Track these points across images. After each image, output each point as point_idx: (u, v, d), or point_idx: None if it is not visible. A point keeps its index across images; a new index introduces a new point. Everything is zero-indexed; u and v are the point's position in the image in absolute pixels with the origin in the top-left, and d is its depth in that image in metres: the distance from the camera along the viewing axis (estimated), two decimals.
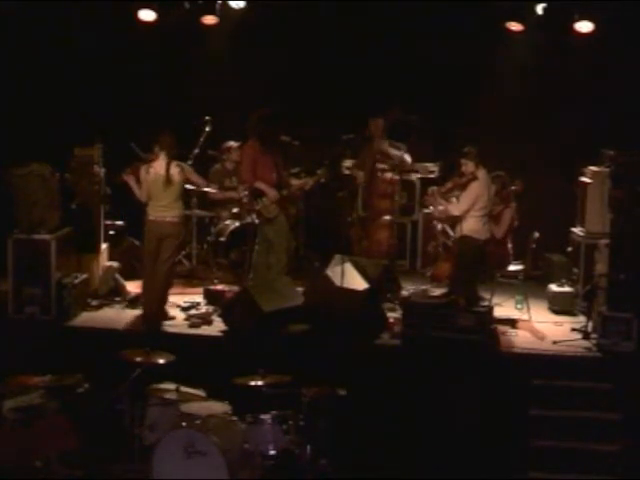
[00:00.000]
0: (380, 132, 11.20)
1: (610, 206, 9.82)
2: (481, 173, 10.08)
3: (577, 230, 10.98)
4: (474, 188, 10.04)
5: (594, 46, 11.39)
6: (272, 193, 10.32)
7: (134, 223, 11.23)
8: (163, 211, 9.87)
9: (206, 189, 10.97)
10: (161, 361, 8.12)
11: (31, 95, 11.79)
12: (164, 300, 10.05)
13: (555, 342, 9.60)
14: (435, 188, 10.68)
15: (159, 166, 9.88)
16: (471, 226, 10.06)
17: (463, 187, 10.17)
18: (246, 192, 10.64)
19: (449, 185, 10.48)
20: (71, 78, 12.00)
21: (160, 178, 9.83)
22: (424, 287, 11.09)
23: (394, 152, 11.25)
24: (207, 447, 7.53)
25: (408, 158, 11.37)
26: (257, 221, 10.53)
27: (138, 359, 8.02)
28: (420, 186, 12.08)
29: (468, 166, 10.08)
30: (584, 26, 11.21)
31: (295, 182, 10.86)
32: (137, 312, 10.20)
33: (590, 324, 9.69)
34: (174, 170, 9.89)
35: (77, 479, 8.01)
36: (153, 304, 9.95)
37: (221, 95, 12.24)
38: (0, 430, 7.97)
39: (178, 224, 9.98)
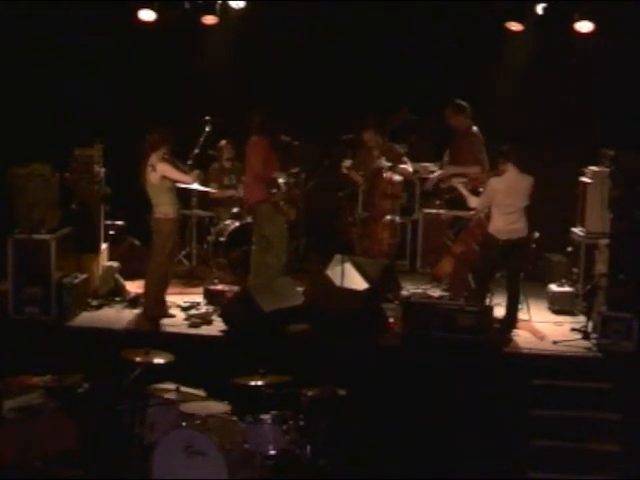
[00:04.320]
0: (374, 142, 11.14)
1: (610, 206, 9.82)
2: (509, 171, 9.68)
3: (577, 230, 10.97)
4: (491, 183, 9.74)
5: (594, 46, 11.39)
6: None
7: (134, 223, 11.27)
8: (153, 207, 9.95)
9: (188, 185, 10.61)
10: (161, 361, 8.11)
11: (31, 95, 11.79)
12: (158, 299, 10.03)
13: (555, 342, 9.60)
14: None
15: None
16: (493, 224, 9.77)
17: (484, 183, 10.04)
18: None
19: (470, 177, 10.39)
20: (71, 78, 11.99)
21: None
22: (424, 287, 11.09)
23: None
24: (207, 447, 7.54)
25: (409, 167, 11.36)
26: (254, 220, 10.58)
27: (138, 359, 8.00)
28: (420, 186, 12.06)
29: (499, 164, 9.89)
30: (584, 26, 11.19)
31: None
32: (137, 312, 10.20)
33: (590, 324, 9.69)
34: (147, 169, 9.87)
35: (77, 479, 8.02)
36: (150, 302, 10.00)
37: (221, 95, 12.25)
38: (0, 430, 7.97)
39: (157, 220, 9.89)
